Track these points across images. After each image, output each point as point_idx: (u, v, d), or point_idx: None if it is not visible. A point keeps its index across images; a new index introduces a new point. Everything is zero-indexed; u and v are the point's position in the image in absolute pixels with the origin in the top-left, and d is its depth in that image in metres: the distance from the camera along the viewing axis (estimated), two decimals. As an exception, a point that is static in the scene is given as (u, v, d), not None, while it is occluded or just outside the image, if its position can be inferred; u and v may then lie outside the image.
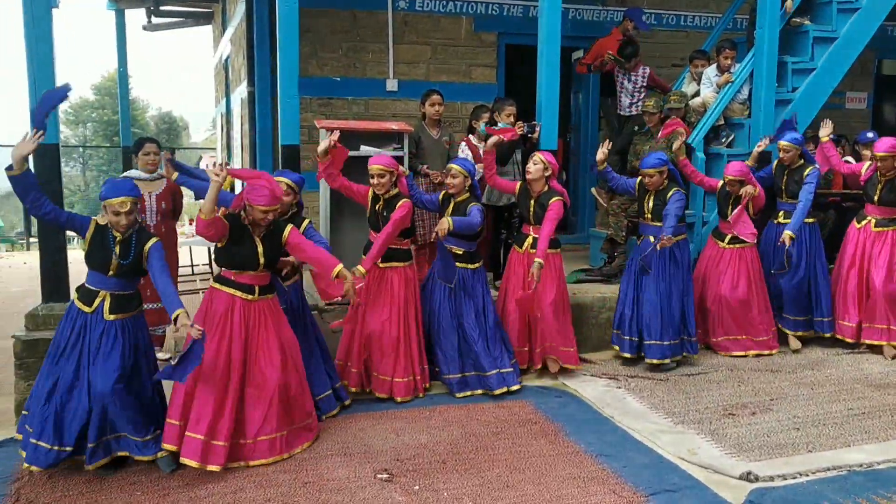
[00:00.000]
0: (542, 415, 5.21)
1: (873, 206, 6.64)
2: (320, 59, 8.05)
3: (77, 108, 36.98)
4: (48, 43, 5.41)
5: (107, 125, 35.60)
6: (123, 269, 4.24)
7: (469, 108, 7.48)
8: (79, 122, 37.32)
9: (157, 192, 5.97)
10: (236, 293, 4.44)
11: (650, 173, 6.07)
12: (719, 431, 4.93)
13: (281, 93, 5.83)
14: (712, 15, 9.35)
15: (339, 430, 4.91)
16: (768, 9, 7.11)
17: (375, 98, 8.26)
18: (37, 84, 5.45)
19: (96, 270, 4.27)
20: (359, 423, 5.02)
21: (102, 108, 36.55)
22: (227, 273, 4.52)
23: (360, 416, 5.17)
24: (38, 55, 5.39)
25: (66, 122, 35.66)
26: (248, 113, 8.74)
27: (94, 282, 4.31)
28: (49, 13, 5.47)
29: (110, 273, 4.24)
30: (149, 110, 41.24)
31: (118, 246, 4.21)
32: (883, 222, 6.61)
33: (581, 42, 9.09)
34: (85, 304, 4.27)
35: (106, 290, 4.27)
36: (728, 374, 6.10)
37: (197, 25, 14.78)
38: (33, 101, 5.45)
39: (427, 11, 8.35)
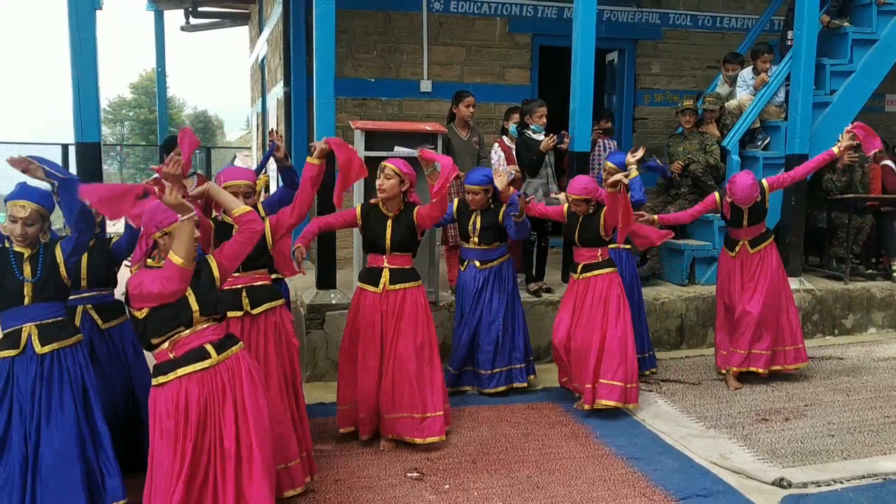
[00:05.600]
0: (572, 417, 5.22)
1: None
2: (355, 59, 8.11)
3: (115, 107, 37.56)
4: (92, 44, 5.53)
5: (144, 123, 36.12)
6: (40, 289, 3.56)
7: (502, 110, 7.50)
8: (116, 120, 37.88)
9: (190, 189, 6.04)
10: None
11: (474, 190, 5.40)
12: (752, 436, 4.89)
13: (317, 94, 5.89)
14: (749, 17, 9.25)
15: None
16: (806, 11, 7.02)
17: (409, 99, 8.30)
18: (80, 84, 5.57)
19: (10, 308, 3.55)
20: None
21: (140, 106, 37.07)
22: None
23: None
24: (82, 56, 5.52)
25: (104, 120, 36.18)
26: (283, 113, 8.82)
27: (12, 320, 3.57)
28: (93, 14, 5.59)
29: (27, 301, 3.55)
30: (185, 109, 41.78)
31: (26, 265, 3.55)
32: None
33: (616, 43, 9.06)
34: (9, 349, 3.54)
35: (28, 323, 3.56)
36: (762, 378, 6.04)
37: (234, 26, 14.95)
38: (77, 102, 5.59)
39: (461, 13, 8.37)
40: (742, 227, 5.77)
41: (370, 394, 4.62)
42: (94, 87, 5.59)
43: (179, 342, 3.17)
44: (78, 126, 5.60)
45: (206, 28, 14.54)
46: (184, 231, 3.08)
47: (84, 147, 5.59)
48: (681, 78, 9.25)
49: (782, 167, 7.25)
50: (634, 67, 9.17)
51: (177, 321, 3.15)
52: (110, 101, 37.14)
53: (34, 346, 3.53)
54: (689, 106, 7.21)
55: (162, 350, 3.16)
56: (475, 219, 5.49)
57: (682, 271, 7.18)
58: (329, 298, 6.05)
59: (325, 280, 6.15)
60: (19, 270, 3.52)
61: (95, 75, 5.57)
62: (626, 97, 9.24)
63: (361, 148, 6.01)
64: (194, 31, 14.40)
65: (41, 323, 3.56)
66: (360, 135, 6.04)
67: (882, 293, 7.50)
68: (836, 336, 7.34)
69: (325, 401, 5.40)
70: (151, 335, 3.14)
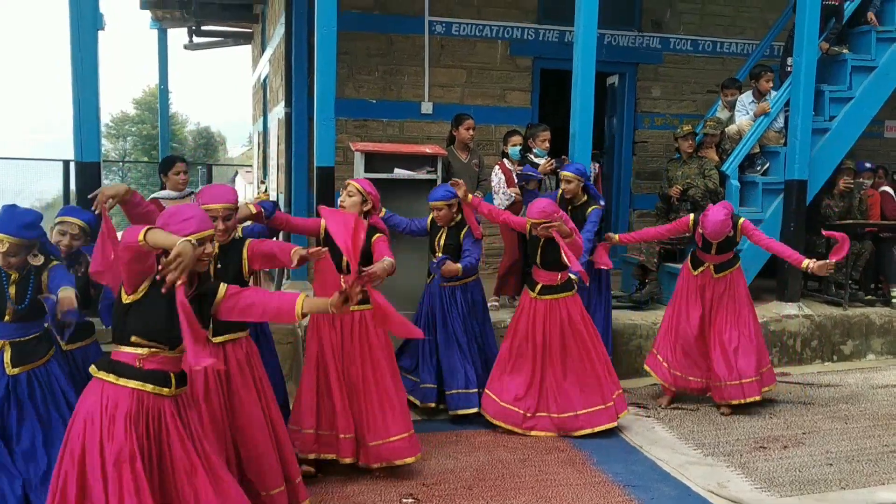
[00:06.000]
0: (569, 442, 5.19)
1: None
2: (356, 81, 8.16)
3: (118, 122, 37.66)
4: (93, 64, 5.57)
5: (146, 139, 36.21)
6: (24, 312, 3.65)
7: (503, 132, 7.52)
8: (119, 135, 37.98)
9: None
10: None
11: (437, 206, 5.39)
12: (750, 465, 4.86)
13: (317, 115, 5.91)
14: (749, 42, 9.31)
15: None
16: (805, 38, 7.07)
17: (410, 120, 8.34)
18: (81, 102, 5.60)
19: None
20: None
21: (142, 122, 37.19)
22: None
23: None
24: (83, 75, 5.56)
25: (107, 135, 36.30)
26: (284, 133, 8.85)
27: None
28: (95, 34, 5.63)
29: (6, 318, 3.61)
30: (187, 125, 41.93)
31: (13, 287, 3.61)
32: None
33: (616, 67, 9.11)
34: None
35: (4, 339, 3.61)
36: (759, 405, 6.00)
37: (236, 45, 15.05)
38: (77, 121, 5.62)
39: (463, 36, 8.43)
40: (710, 254, 5.77)
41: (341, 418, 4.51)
42: (95, 107, 5.62)
43: (152, 357, 2.96)
44: (78, 145, 5.63)
45: (209, 47, 14.63)
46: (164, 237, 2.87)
47: (84, 166, 5.62)
48: (681, 102, 9.31)
49: (781, 193, 7.27)
50: (635, 91, 9.22)
51: (162, 336, 2.95)
52: (113, 117, 37.27)
53: (5, 366, 3.56)
54: (689, 131, 7.24)
55: (130, 352, 2.95)
56: (441, 235, 5.50)
57: (681, 296, 7.15)
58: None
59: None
60: (7, 288, 3.57)
61: (96, 95, 5.61)
62: (627, 120, 9.29)
63: (361, 170, 6.03)
64: (197, 50, 14.48)
65: (16, 341, 3.61)
66: (360, 157, 6.06)
67: (881, 319, 7.49)
68: (834, 362, 7.32)
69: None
70: (130, 332, 2.94)
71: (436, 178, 6.22)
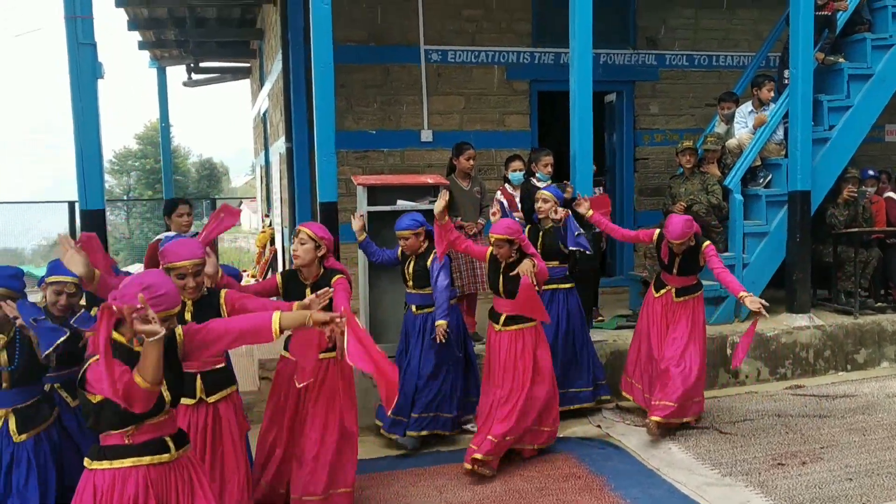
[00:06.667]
0: (586, 468, 5.16)
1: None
2: (355, 113, 8.21)
3: (121, 158, 37.92)
4: (94, 112, 5.62)
5: (149, 173, 36.43)
6: (19, 375, 3.53)
7: (503, 156, 7.54)
8: (123, 171, 38.24)
9: None
10: None
11: (403, 235, 5.33)
12: (769, 483, 4.82)
13: (318, 151, 5.94)
14: (744, 54, 9.35)
15: (381, 487, 4.90)
16: (801, 49, 7.09)
17: (411, 149, 8.38)
18: (83, 151, 5.64)
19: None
20: (400, 481, 5.00)
21: (145, 156, 37.44)
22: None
23: (401, 474, 5.15)
24: (84, 124, 5.60)
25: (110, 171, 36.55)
26: (286, 168, 8.90)
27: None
28: (95, 83, 5.67)
29: (5, 386, 3.51)
30: (190, 157, 42.19)
31: (2, 353, 3.51)
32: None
33: (613, 86, 9.15)
34: None
35: (5, 408, 3.54)
36: (775, 420, 5.98)
37: (235, 80, 15.18)
38: (80, 168, 5.66)
39: (459, 62, 8.49)
40: (672, 275, 5.71)
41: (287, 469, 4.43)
42: (98, 155, 5.66)
43: (141, 429, 2.80)
44: (82, 193, 5.66)
45: (208, 83, 14.75)
46: (151, 351, 2.64)
47: (88, 214, 5.65)
48: (679, 117, 9.33)
49: (785, 204, 7.26)
50: (633, 108, 9.26)
51: (142, 414, 2.75)
52: (116, 153, 37.54)
53: (11, 433, 3.49)
54: (688, 146, 7.24)
55: (115, 434, 2.79)
56: (409, 263, 5.46)
57: (689, 312, 7.13)
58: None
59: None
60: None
61: (98, 143, 5.65)
62: (626, 138, 9.31)
63: (364, 203, 6.06)
64: (197, 87, 14.60)
65: (19, 408, 3.53)
66: (363, 190, 6.08)
67: (893, 326, 7.44)
68: (848, 372, 7.27)
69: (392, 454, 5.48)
70: (108, 426, 2.77)
71: (439, 208, 6.21)
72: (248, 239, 24.58)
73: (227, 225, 4.21)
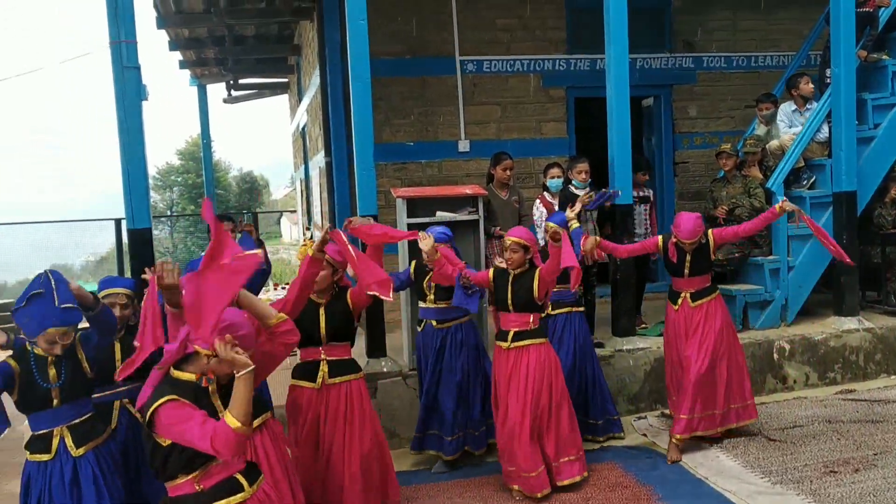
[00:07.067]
0: (633, 477, 5.12)
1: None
2: (393, 125, 8.27)
3: (164, 174, 38.65)
4: (139, 133, 5.74)
5: (192, 188, 37.06)
6: (68, 391, 3.56)
7: (541, 164, 7.56)
8: (166, 186, 38.97)
9: None
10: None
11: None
12: (821, 491, 4.73)
13: (357, 166, 6.01)
14: (784, 54, 9.21)
15: (427, 498, 4.93)
16: (842, 47, 6.97)
17: (448, 159, 8.41)
18: (129, 171, 5.78)
19: (38, 411, 3.54)
20: (446, 493, 5.03)
21: (187, 172, 38.09)
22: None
23: (446, 485, 5.17)
24: (130, 145, 5.73)
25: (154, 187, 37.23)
26: (326, 182, 8.99)
27: (41, 423, 3.56)
28: (139, 105, 5.81)
29: (56, 403, 3.54)
30: (231, 171, 42.83)
31: (50, 368, 3.53)
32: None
33: (651, 90, 9.08)
34: (41, 453, 3.54)
35: (59, 425, 3.56)
36: (826, 426, 5.86)
37: (273, 95, 15.39)
38: (126, 187, 5.80)
39: (495, 72, 8.51)
40: (683, 277, 5.53)
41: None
42: (143, 174, 5.80)
43: (209, 472, 2.73)
44: (129, 212, 5.79)
45: (247, 99, 14.99)
46: (243, 387, 2.60)
47: (136, 232, 5.78)
48: (719, 119, 9.23)
49: (830, 206, 7.14)
50: (671, 112, 9.18)
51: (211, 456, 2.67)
52: (159, 169, 38.27)
53: (69, 449, 3.52)
54: (727, 149, 7.14)
55: (184, 481, 2.71)
56: (430, 277, 5.26)
57: (734, 317, 7.02)
58: (380, 367, 6.08)
59: (375, 348, 6.18)
60: (41, 377, 3.49)
61: (144, 163, 5.79)
62: (665, 142, 9.22)
63: (404, 215, 6.10)
64: (236, 103, 14.85)
65: (72, 424, 3.56)
66: (402, 203, 6.13)
67: (946, 327, 7.25)
68: (901, 375, 7.11)
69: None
70: (177, 470, 2.69)
71: (477, 218, 6.25)
72: (290, 251, 24.88)
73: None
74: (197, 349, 2.75)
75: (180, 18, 9.74)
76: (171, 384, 2.73)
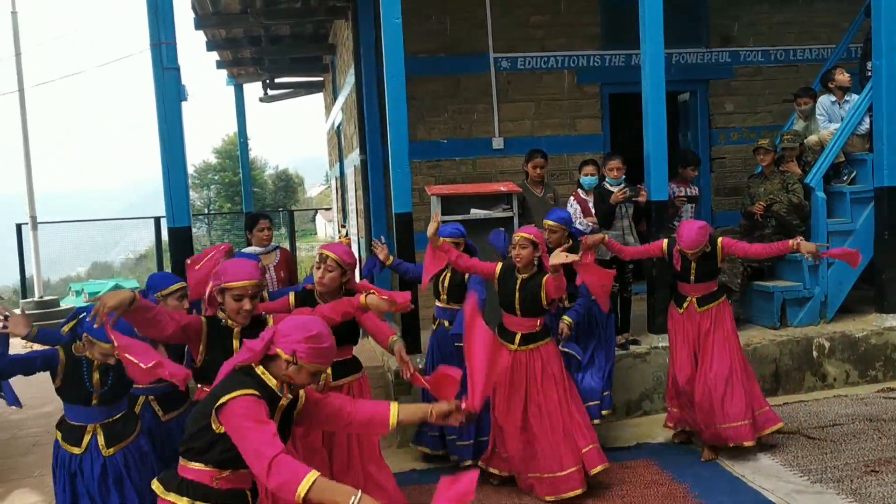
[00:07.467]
0: (668, 475, 5.10)
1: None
2: (427, 123, 8.31)
3: (201, 172, 39.25)
4: (179, 134, 5.87)
5: (229, 186, 37.60)
6: (108, 395, 3.65)
7: (575, 161, 7.54)
8: (203, 184, 39.56)
9: (273, 263, 6.29)
10: None
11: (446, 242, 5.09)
12: (862, 491, 4.67)
13: (392, 164, 6.05)
14: (823, 47, 9.07)
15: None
16: (884, 37, 6.84)
17: (482, 157, 8.43)
18: (169, 171, 5.91)
19: (74, 404, 3.64)
20: (483, 490, 5.03)
21: (224, 170, 38.64)
22: None
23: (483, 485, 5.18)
24: (170, 146, 5.86)
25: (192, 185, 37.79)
26: (361, 180, 9.06)
27: (75, 416, 3.66)
28: (179, 107, 5.93)
29: (94, 403, 3.63)
30: (266, 169, 43.33)
31: (95, 373, 3.61)
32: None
33: (686, 85, 9.01)
34: (72, 445, 3.63)
35: (93, 423, 3.64)
36: (867, 424, 5.78)
37: (309, 94, 15.54)
38: (167, 187, 5.93)
39: (529, 69, 8.50)
40: (689, 283, 5.37)
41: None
42: (183, 174, 5.92)
43: (235, 476, 2.67)
44: (169, 211, 5.94)
45: (283, 98, 15.15)
46: (342, 497, 2.36)
47: (176, 231, 5.91)
48: (756, 115, 9.11)
49: (871, 201, 7.02)
50: (707, 107, 9.09)
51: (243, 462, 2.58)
52: (196, 167, 38.86)
53: (100, 447, 3.60)
54: (765, 145, 7.06)
55: (205, 471, 2.64)
56: (445, 275, 5.25)
57: (772, 314, 6.96)
58: (415, 363, 6.10)
59: (410, 345, 6.21)
60: (90, 381, 3.57)
61: (184, 163, 5.91)
62: (701, 137, 9.14)
63: (438, 212, 6.13)
64: (272, 102, 15.01)
65: (106, 423, 3.64)
66: (436, 200, 6.16)
67: None
68: (946, 373, 6.97)
69: (417, 468, 5.45)
70: (211, 459, 2.62)
71: (511, 216, 6.26)
72: (325, 248, 25.03)
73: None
74: (279, 352, 2.64)
75: (217, 19, 9.88)
76: (257, 381, 2.63)
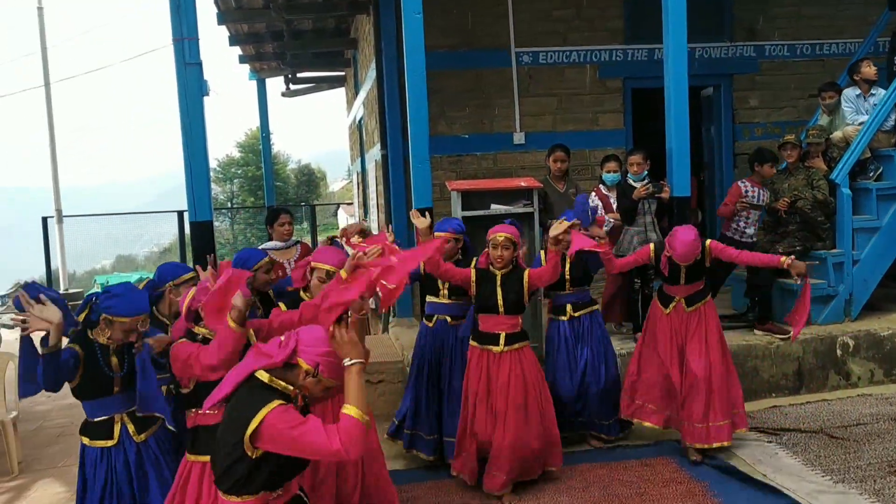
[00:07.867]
0: (687, 473, 5.07)
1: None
2: (448, 118, 8.30)
3: (224, 166, 39.45)
4: (201, 129, 5.91)
5: (251, 180, 37.75)
6: (129, 379, 3.64)
7: (597, 156, 7.50)
8: (226, 178, 39.76)
9: (293, 258, 6.32)
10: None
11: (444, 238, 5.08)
12: (885, 491, 4.62)
13: (413, 159, 6.05)
14: (850, 41, 8.94)
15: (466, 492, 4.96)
16: (912, 33, 6.75)
17: (504, 152, 8.41)
18: (192, 165, 5.96)
19: (97, 398, 3.61)
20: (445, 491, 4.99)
21: (247, 164, 38.79)
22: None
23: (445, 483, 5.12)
24: (192, 140, 5.91)
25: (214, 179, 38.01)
26: (381, 174, 9.07)
27: (100, 410, 3.64)
28: (201, 101, 5.97)
29: (116, 390, 3.62)
30: (289, 163, 43.47)
31: (112, 357, 3.61)
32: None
33: (710, 80, 8.92)
34: (103, 439, 3.62)
35: (119, 412, 3.65)
36: (891, 424, 5.71)
37: (331, 89, 15.58)
38: (189, 181, 5.98)
39: (550, 63, 8.46)
40: (679, 285, 5.28)
41: None
42: (205, 168, 5.96)
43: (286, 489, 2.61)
44: (191, 205, 5.99)
45: (305, 93, 15.21)
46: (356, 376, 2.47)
47: (198, 225, 5.95)
48: (781, 109, 9.01)
49: (897, 198, 6.93)
50: (731, 102, 9.00)
51: (296, 470, 2.54)
52: (219, 161, 39.07)
53: (131, 434, 3.63)
54: (791, 140, 6.98)
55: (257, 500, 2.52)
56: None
57: (795, 311, 6.88)
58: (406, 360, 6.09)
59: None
60: (107, 366, 3.57)
61: (206, 157, 5.95)
62: (725, 132, 9.05)
63: (458, 208, 6.13)
64: (294, 97, 15.07)
65: (131, 411, 3.65)
66: (457, 195, 6.15)
67: None
68: (972, 374, 6.86)
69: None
70: (261, 485, 2.49)
71: (532, 211, 6.24)
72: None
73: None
74: (300, 361, 2.55)
75: (240, 14, 9.94)
76: (271, 390, 2.53)
